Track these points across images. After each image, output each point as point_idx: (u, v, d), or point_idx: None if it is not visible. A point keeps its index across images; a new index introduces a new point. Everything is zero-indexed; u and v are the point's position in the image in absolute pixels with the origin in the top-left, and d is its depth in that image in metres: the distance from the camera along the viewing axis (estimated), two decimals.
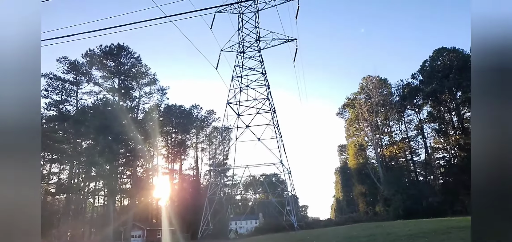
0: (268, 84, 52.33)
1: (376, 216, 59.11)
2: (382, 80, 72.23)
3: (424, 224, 31.34)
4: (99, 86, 59.53)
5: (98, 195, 61.24)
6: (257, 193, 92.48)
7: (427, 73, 64.82)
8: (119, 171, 57.89)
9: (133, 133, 54.64)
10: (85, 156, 52.94)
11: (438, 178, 65.00)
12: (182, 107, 77.53)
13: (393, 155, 70.94)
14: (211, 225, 47.94)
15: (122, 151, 57.50)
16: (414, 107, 69.80)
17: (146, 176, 66.85)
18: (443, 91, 61.50)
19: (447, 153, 64.18)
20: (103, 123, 50.86)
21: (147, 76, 63.66)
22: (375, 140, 69.70)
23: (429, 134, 66.78)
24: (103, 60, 59.20)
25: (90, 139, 54.76)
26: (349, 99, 77.22)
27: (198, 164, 76.34)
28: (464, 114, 62.03)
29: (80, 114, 54.13)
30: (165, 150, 75.42)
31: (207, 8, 13.69)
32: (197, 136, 79.33)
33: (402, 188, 55.83)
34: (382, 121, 72.57)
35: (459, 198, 52.17)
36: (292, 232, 40.96)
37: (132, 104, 61.51)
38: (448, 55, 62.60)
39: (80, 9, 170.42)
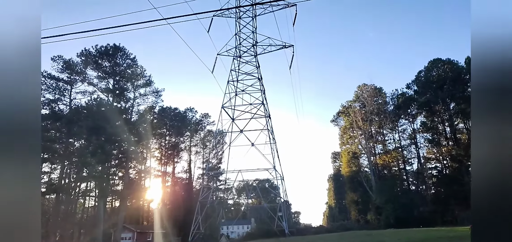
0: (263, 90, 52.42)
1: (368, 224, 59.23)
2: (377, 89, 72.72)
3: (413, 233, 31.49)
4: (93, 86, 59.09)
5: (89, 196, 60.55)
6: (250, 198, 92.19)
7: (421, 83, 65.39)
8: (111, 172, 57.41)
9: (126, 134, 54.29)
10: (77, 156, 52.42)
11: (430, 188, 65.39)
12: (176, 110, 77.34)
13: (386, 164, 71.27)
14: (202, 229, 47.64)
15: (115, 152, 57.05)
16: (408, 117, 70.32)
17: (139, 178, 66.38)
18: (437, 102, 62.06)
19: (439, 163, 64.64)
20: (96, 123, 50.46)
21: (142, 78, 63.36)
22: (369, 148, 69.99)
23: (422, 144, 67.35)
24: (98, 60, 58.82)
25: (83, 139, 54.29)
26: (344, 107, 77.58)
27: (191, 167, 76.06)
28: (457, 125, 62.61)
29: (73, 114, 53.65)
30: (158, 152, 75.03)
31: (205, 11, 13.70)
32: (191, 139, 79.06)
33: (394, 197, 56.09)
34: (376, 130, 72.97)
35: (450, 208, 52.49)
36: (282, 238, 40.88)
37: (126, 106, 61.13)
38: (443, 66, 63.22)
39: (77, 9, 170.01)
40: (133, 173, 64.18)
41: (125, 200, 58.45)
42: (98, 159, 50.88)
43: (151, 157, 72.17)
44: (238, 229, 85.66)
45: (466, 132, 61.08)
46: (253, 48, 54.87)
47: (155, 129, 70.50)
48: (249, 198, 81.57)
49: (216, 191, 65.86)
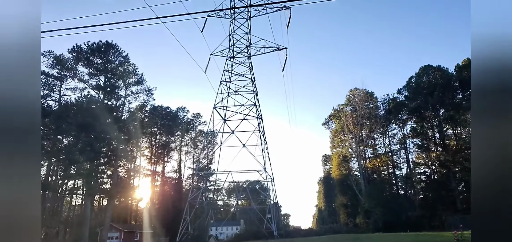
0: (256, 91, 52.44)
1: (356, 228, 59.56)
2: (368, 94, 73.26)
3: (401, 238, 31.76)
4: (84, 83, 58.31)
5: (76, 194, 59.68)
6: (240, 200, 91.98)
7: (412, 89, 66.06)
8: (99, 170, 56.68)
9: (116, 132, 53.66)
10: (65, 153, 51.65)
11: (418, 192, 66.07)
12: (168, 109, 76.80)
13: (376, 168, 71.80)
14: (190, 229, 47.36)
15: (104, 150, 56.32)
16: (398, 122, 71.02)
17: (128, 176, 65.65)
18: (427, 108, 62.79)
19: (428, 168, 65.38)
20: (86, 120, 49.74)
21: (134, 76, 62.69)
22: (359, 152, 70.43)
23: (411, 149, 67.99)
24: (90, 56, 58.04)
25: (71, 136, 53.52)
26: (335, 111, 77.97)
27: (181, 167, 75.59)
28: (445, 131, 63.43)
29: (63, 110, 52.85)
30: (149, 151, 74.41)
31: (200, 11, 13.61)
32: (182, 139, 78.58)
33: (383, 201, 56.48)
34: (367, 134, 73.45)
35: (437, 213, 53.06)
36: (271, 240, 40.90)
37: (117, 103, 60.42)
38: (433, 73, 63.99)
39: (69, 5, 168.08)
40: (122, 172, 63.48)
41: (113, 199, 57.73)
42: (87, 156, 50.14)
43: (141, 155, 71.59)
44: (227, 230, 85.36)
45: (454, 138, 61.95)
46: (246, 50, 54.89)
47: (146, 127, 69.88)
48: (239, 199, 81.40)
49: (206, 192, 65.55)
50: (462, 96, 61.21)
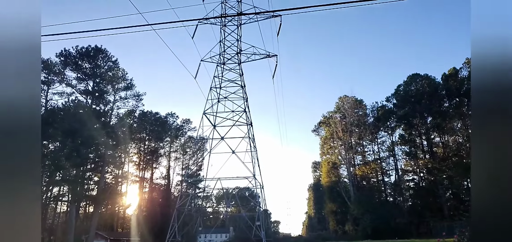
0: (246, 97, 52.34)
1: (345, 235, 59.72)
2: (357, 101, 73.99)
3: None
4: (72, 87, 57.38)
5: (61, 200, 58.38)
6: (229, 207, 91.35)
7: (400, 97, 67.00)
8: (86, 177, 55.64)
9: (104, 137, 52.83)
10: (51, 159, 50.58)
11: (407, 199, 66.65)
12: (157, 114, 76.03)
13: (365, 175, 72.30)
14: (178, 237, 46.69)
15: (91, 155, 55.36)
16: (387, 129, 71.78)
17: (115, 183, 64.61)
18: (414, 115, 63.73)
19: (416, 175, 66.10)
20: (73, 126, 48.83)
21: (123, 81, 61.98)
22: (348, 159, 70.85)
23: (400, 156, 68.75)
24: (78, 61, 57.23)
25: (58, 141, 52.48)
26: (325, 118, 78.45)
27: (170, 173, 74.76)
28: (433, 139, 64.37)
29: (49, 115, 51.86)
30: (137, 157, 73.39)
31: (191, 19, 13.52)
32: (171, 145, 77.85)
33: (372, 207, 56.79)
34: (356, 141, 74.04)
35: (425, 220, 53.59)
36: None
37: (105, 109, 59.56)
38: (421, 81, 65.10)
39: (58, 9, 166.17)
40: (110, 178, 62.44)
41: (100, 206, 56.65)
42: (73, 162, 49.16)
43: (129, 161, 70.52)
44: (216, 238, 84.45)
45: (442, 146, 62.89)
46: (237, 56, 54.81)
47: (135, 133, 69.02)
48: (228, 206, 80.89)
49: (194, 198, 64.88)
50: (449, 104, 62.32)
